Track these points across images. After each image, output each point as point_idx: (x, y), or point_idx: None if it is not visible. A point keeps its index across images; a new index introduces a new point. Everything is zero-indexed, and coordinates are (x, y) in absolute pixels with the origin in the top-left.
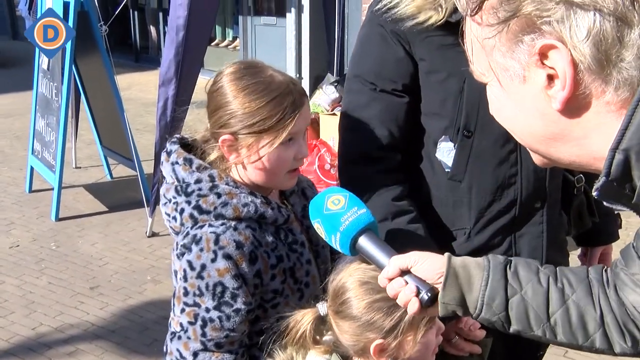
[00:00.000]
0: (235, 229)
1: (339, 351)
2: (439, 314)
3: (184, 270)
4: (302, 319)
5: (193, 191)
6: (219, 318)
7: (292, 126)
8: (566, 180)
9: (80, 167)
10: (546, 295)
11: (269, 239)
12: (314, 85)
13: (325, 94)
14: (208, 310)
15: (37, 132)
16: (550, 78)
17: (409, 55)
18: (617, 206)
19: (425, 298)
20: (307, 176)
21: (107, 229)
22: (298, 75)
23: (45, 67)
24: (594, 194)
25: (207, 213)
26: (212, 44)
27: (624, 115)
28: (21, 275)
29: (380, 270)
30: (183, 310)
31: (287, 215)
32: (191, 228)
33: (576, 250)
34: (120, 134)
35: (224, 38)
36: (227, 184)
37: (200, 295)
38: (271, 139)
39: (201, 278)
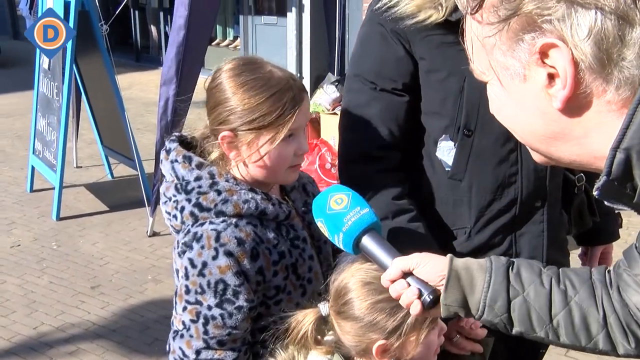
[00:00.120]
0: (236, 225)
1: (341, 351)
2: (441, 315)
3: (185, 268)
4: (304, 319)
5: (193, 189)
6: (221, 316)
7: (292, 122)
8: (567, 179)
9: (81, 167)
10: (549, 296)
11: (271, 235)
12: (314, 84)
13: (326, 94)
14: (210, 308)
15: (38, 132)
16: (550, 77)
17: (409, 54)
18: (618, 205)
19: (428, 300)
20: None
21: (108, 229)
22: (299, 75)
23: (46, 67)
24: (595, 193)
25: (208, 210)
26: (213, 43)
27: (625, 114)
28: (22, 275)
29: (383, 271)
30: (185, 309)
31: (289, 211)
32: (192, 226)
33: (577, 250)
34: (121, 134)
35: (224, 38)
36: (227, 180)
37: (202, 293)
38: (271, 135)
39: (202, 276)
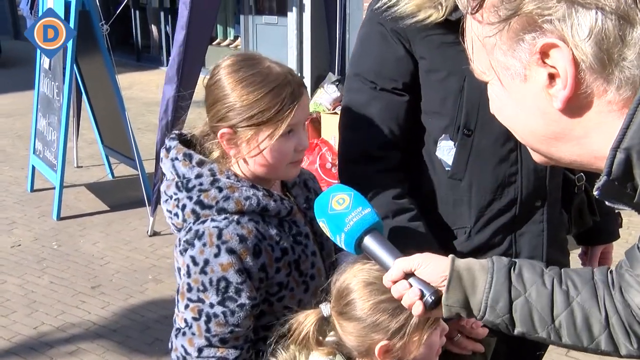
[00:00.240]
0: (238, 222)
1: (343, 352)
2: (442, 316)
3: (187, 266)
4: (305, 320)
5: (194, 186)
6: (223, 313)
7: (292, 117)
8: (567, 178)
9: (81, 167)
10: (550, 297)
11: (273, 231)
12: (315, 84)
13: (327, 93)
14: (212, 306)
15: (39, 132)
16: (551, 77)
17: (409, 53)
18: (619, 205)
19: (429, 301)
20: None
21: (109, 228)
22: (300, 74)
23: (47, 67)
24: (595, 193)
25: (209, 208)
26: (214, 43)
27: (625, 114)
28: (23, 275)
29: (385, 271)
30: (187, 306)
31: (290, 207)
32: (193, 223)
33: (577, 250)
34: (121, 133)
35: (225, 37)
36: (228, 177)
37: (204, 290)
38: (270, 131)
39: (204, 273)
